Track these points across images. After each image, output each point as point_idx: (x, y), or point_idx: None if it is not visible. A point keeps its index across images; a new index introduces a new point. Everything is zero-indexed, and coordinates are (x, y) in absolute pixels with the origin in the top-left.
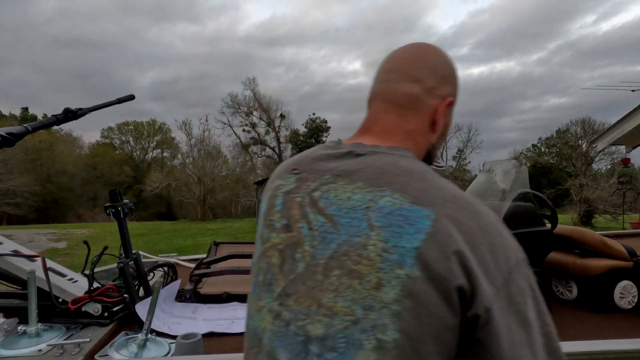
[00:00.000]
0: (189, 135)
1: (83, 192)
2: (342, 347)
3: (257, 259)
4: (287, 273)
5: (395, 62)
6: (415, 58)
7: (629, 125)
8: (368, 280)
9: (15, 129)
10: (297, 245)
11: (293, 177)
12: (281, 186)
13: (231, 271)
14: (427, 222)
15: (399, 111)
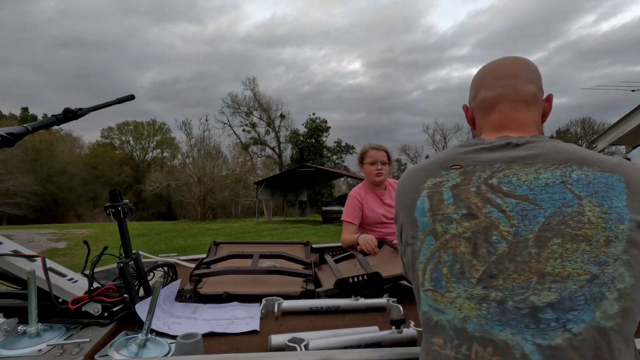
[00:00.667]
0: (189, 135)
1: (83, 192)
2: (581, 304)
3: (431, 254)
4: (485, 257)
5: (509, 71)
6: (524, 65)
7: (629, 125)
8: (597, 240)
9: (15, 129)
10: (490, 229)
11: (454, 172)
12: (442, 182)
13: (231, 271)
14: (622, 184)
15: (527, 107)
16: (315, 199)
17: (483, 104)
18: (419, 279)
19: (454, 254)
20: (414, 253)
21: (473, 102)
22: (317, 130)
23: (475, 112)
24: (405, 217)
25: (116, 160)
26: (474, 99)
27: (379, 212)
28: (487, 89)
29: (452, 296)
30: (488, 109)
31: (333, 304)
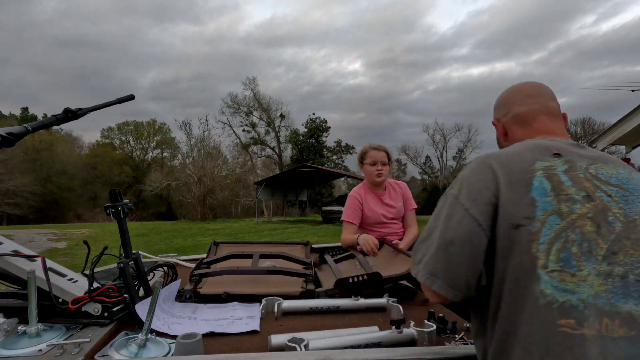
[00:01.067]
0: (189, 135)
1: (83, 192)
2: None
3: (556, 234)
4: (606, 235)
5: (535, 91)
6: (545, 86)
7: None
8: None
9: (15, 129)
10: (606, 211)
11: (559, 159)
12: (553, 167)
13: (231, 271)
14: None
15: (559, 120)
16: (315, 199)
17: (519, 117)
18: (539, 261)
19: (581, 233)
20: (529, 234)
21: (505, 117)
22: (317, 130)
23: (510, 125)
24: (516, 197)
25: (116, 160)
26: (505, 114)
27: (379, 212)
28: (520, 105)
29: (583, 274)
30: (526, 121)
31: (333, 304)
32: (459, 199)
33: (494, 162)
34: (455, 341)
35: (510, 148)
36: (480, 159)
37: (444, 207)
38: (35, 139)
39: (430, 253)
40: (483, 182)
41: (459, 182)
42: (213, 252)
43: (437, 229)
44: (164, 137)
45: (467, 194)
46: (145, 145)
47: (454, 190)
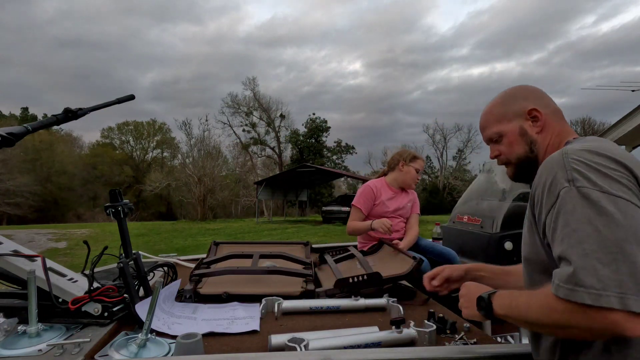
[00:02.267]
0: (189, 135)
1: (83, 192)
2: None
3: None
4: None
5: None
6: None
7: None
8: None
9: (15, 129)
10: None
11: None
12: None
13: (231, 271)
14: None
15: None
16: (315, 199)
17: (559, 112)
18: None
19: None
20: None
21: (547, 109)
22: (317, 130)
23: (549, 117)
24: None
25: (116, 160)
26: (546, 106)
27: (391, 205)
28: (553, 103)
29: None
30: (561, 117)
31: (333, 304)
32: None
33: (617, 155)
34: (455, 341)
35: (595, 143)
36: (602, 156)
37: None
38: (35, 139)
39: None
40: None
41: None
42: (213, 252)
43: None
44: (164, 137)
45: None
46: (145, 145)
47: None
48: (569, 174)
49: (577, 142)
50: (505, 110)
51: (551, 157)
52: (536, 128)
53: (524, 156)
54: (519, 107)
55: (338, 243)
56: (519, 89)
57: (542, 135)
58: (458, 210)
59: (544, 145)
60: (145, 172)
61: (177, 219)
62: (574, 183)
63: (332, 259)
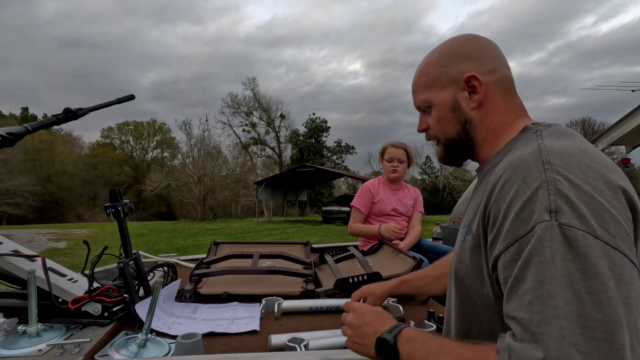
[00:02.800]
0: (189, 135)
1: (83, 192)
2: None
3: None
4: None
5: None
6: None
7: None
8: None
9: (15, 129)
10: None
11: None
12: None
13: (231, 271)
14: None
15: None
16: (315, 199)
17: (507, 82)
18: None
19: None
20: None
21: (489, 76)
22: (317, 130)
23: (492, 89)
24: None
25: (116, 160)
26: (490, 72)
27: (390, 204)
28: (506, 67)
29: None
30: (509, 89)
31: (333, 304)
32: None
33: (613, 175)
34: None
35: (581, 144)
36: (595, 176)
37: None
38: (35, 139)
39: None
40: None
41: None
42: (213, 252)
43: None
44: (164, 137)
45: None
46: (145, 145)
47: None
48: (552, 200)
49: (547, 133)
50: (439, 73)
51: (524, 158)
52: (472, 103)
53: (455, 137)
54: (456, 71)
55: (338, 243)
56: (463, 43)
57: (479, 112)
58: (458, 210)
59: (483, 127)
60: (145, 172)
61: (177, 219)
62: (558, 217)
63: (332, 259)
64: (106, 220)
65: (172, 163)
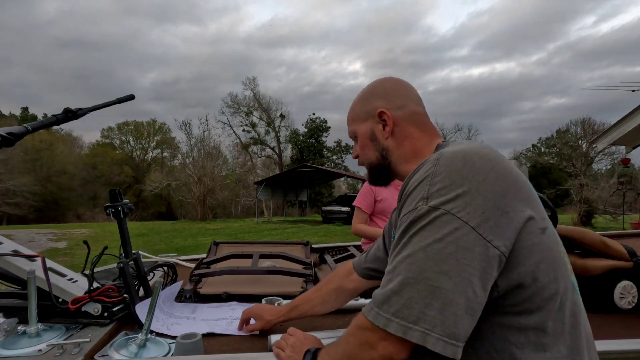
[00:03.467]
0: (189, 135)
1: (83, 192)
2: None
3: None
4: None
5: (417, 95)
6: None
7: (629, 125)
8: None
9: (15, 128)
10: None
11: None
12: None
13: (231, 271)
14: None
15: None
16: (315, 199)
17: (416, 116)
18: (569, 267)
19: None
20: (555, 236)
21: (399, 111)
22: (317, 130)
23: (402, 122)
24: (527, 195)
25: (116, 160)
26: (399, 107)
27: (394, 202)
28: (415, 104)
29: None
30: (421, 122)
31: None
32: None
33: (489, 166)
34: None
35: (472, 145)
36: (469, 167)
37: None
38: (35, 139)
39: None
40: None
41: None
42: (213, 252)
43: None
44: (164, 137)
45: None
46: (145, 145)
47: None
48: (427, 188)
49: (451, 145)
50: (361, 109)
51: (428, 159)
52: (385, 133)
53: (375, 162)
54: (372, 108)
55: (338, 243)
56: (379, 85)
57: (393, 140)
58: None
59: (399, 155)
60: (145, 172)
61: (177, 219)
62: (428, 201)
63: (332, 259)
64: (106, 220)
65: (172, 163)
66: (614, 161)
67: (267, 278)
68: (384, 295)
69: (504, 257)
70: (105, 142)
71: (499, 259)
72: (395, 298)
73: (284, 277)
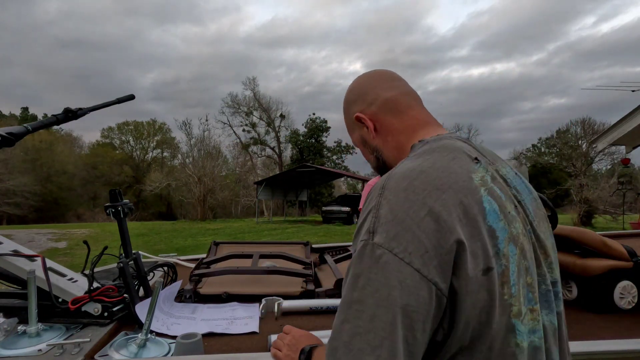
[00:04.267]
0: (189, 135)
1: (83, 192)
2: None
3: (518, 267)
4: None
5: (391, 75)
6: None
7: (629, 125)
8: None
9: (15, 128)
10: (525, 221)
11: (480, 165)
12: (484, 178)
13: (231, 271)
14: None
15: (424, 106)
16: (315, 199)
17: (390, 103)
18: (514, 309)
19: (525, 256)
20: (503, 276)
21: (371, 108)
22: (317, 130)
23: (381, 116)
24: (477, 231)
25: (116, 160)
26: (370, 104)
27: None
28: (386, 90)
29: (538, 307)
30: (398, 108)
31: (333, 304)
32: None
33: (432, 199)
34: None
35: (427, 163)
36: (412, 200)
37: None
38: (35, 139)
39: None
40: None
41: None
42: (213, 252)
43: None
44: (164, 137)
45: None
46: (145, 145)
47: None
48: (373, 222)
49: (414, 153)
50: (347, 121)
51: (376, 184)
52: (370, 133)
53: (375, 165)
54: (351, 115)
55: (338, 243)
56: (349, 90)
57: (379, 139)
58: None
59: (388, 148)
60: (145, 172)
61: (177, 219)
62: (373, 237)
63: (332, 259)
64: (106, 220)
65: (172, 163)
66: (614, 161)
67: (267, 278)
68: (332, 346)
69: (445, 300)
70: (105, 142)
71: (440, 301)
72: (344, 351)
73: (284, 277)
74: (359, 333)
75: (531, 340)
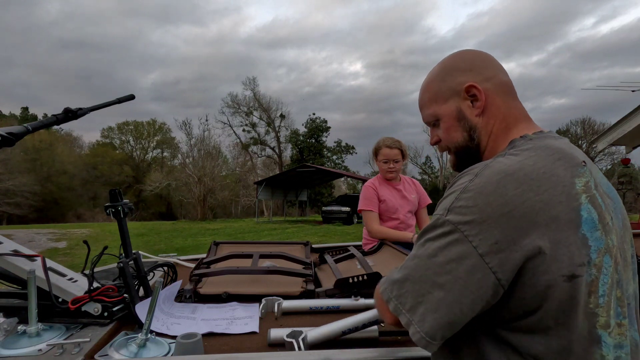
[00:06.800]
0: (189, 135)
1: (83, 192)
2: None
3: (611, 279)
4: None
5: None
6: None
7: (629, 125)
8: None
9: (15, 128)
10: (619, 233)
11: (585, 168)
12: (588, 184)
13: (231, 271)
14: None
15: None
16: (315, 199)
17: (505, 86)
18: (600, 320)
19: (618, 270)
20: (591, 286)
21: (487, 83)
22: (317, 130)
23: (491, 94)
24: (565, 237)
25: (116, 160)
26: (487, 79)
27: (395, 202)
28: (502, 72)
29: (626, 322)
30: (511, 93)
31: (333, 304)
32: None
33: (522, 198)
34: None
35: (529, 162)
36: (500, 193)
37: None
38: (35, 139)
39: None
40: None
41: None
42: (213, 252)
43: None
44: (164, 137)
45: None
46: (145, 145)
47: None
48: (452, 202)
49: (514, 151)
50: (441, 87)
51: (472, 168)
52: (476, 110)
53: (464, 145)
54: (456, 83)
55: (338, 243)
56: (459, 58)
57: (483, 118)
58: None
59: (487, 132)
60: (145, 172)
61: (177, 219)
62: (448, 214)
63: (332, 259)
64: (106, 220)
65: (172, 163)
66: (614, 161)
67: (267, 278)
68: (391, 279)
69: (501, 290)
70: (105, 142)
71: (496, 289)
72: (398, 285)
73: (284, 277)
74: (412, 280)
75: (617, 355)
